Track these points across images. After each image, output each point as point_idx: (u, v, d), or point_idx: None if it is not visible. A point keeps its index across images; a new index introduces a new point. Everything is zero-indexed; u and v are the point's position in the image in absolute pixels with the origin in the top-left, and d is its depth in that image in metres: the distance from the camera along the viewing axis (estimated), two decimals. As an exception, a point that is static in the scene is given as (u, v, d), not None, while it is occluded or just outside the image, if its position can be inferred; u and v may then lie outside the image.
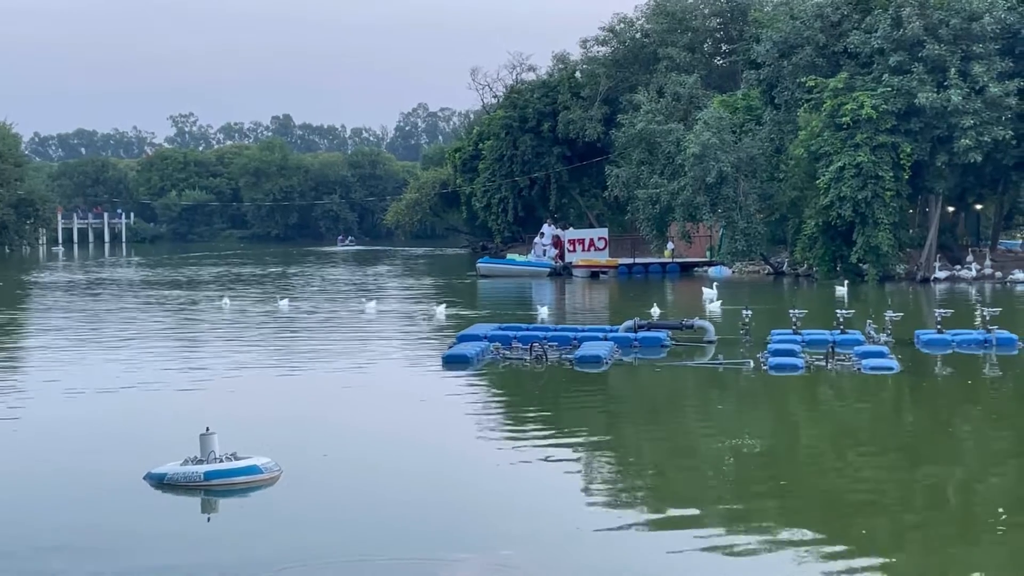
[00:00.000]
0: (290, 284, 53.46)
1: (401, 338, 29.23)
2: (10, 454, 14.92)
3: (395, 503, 12.35)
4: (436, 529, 11.37)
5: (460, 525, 11.57)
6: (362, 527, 11.48)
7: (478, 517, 11.90)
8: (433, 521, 11.67)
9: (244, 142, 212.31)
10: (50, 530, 11.35)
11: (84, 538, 11.13)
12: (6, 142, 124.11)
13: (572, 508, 12.30)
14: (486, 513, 12.08)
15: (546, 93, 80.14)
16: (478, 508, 12.27)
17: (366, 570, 10.17)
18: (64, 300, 45.52)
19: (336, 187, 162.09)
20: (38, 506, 12.30)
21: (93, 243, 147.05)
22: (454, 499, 12.61)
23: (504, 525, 11.54)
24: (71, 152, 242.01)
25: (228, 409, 17.70)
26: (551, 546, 10.90)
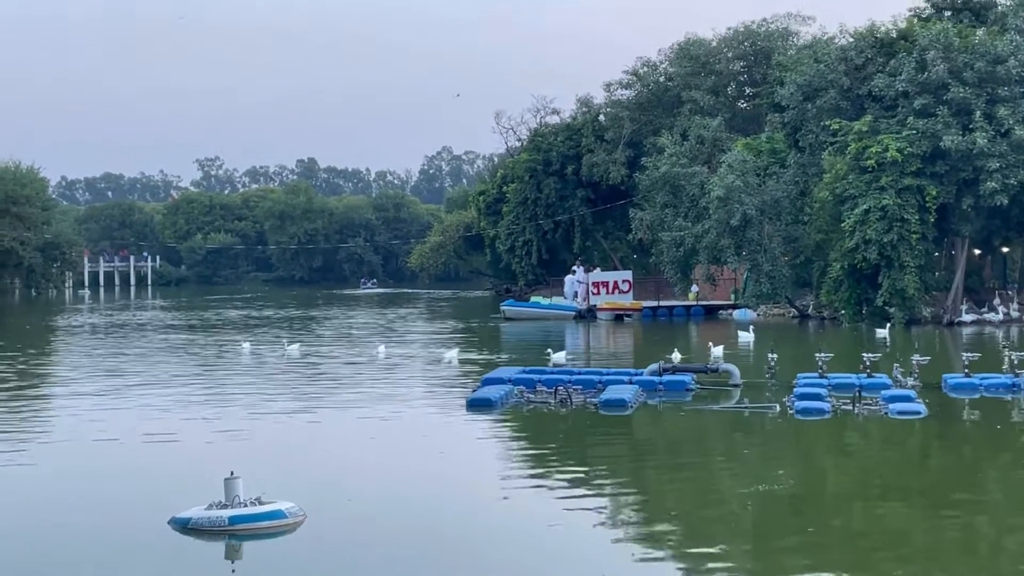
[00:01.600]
0: (308, 328, 53.53)
1: (425, 382, 29.20)
2: (37, 497, 14.93)
3: (419, 550, 12.29)
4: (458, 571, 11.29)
5: (483, 572, 11.49)
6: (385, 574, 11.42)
7: (501, 564, 11.82)
8: (455, 568, 11.59)
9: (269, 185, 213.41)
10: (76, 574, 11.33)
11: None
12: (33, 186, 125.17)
13: (597, 553, 12.21)
14: (509, 560, 11.99)
15: (570, 136, 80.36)
16: (502, 554, 12.18)
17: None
18: (90, 344, 45.71)
19: (360, 230, 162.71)
20: (64, 550, 12.29)
21: (119, 286, 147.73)
22: (477, 545, 12.54)
23: (528, 572, 11.45)
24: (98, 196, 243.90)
25: (252, 453, 17.69)
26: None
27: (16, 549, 12.18)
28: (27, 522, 13.62)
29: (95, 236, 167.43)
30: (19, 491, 15.46)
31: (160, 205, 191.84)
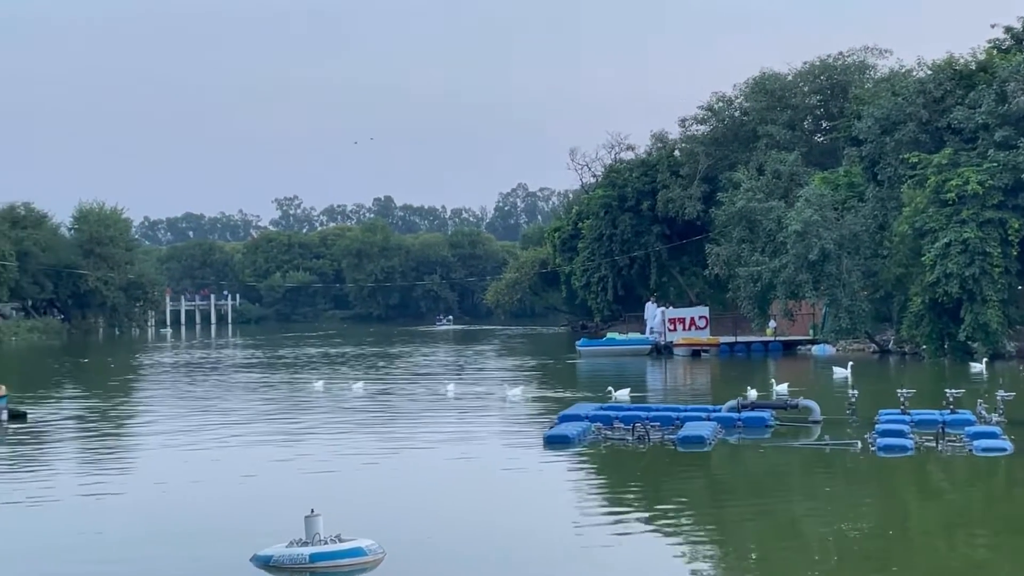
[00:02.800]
0: (383, 365, 53.83)
1: (501, 419, 29.22)
2: (121, 538, 15.14)
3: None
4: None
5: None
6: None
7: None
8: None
9: (346, 224, 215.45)
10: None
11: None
12: (117, 227, 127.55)
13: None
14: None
15: (645, 172, 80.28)
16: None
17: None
18: (171, 382, 46.39)
19: (436, 267, 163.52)
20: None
21: (200, 324, 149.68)
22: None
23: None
24: (179, 235, 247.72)
25: (330, 491, 17.80)
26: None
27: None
28: (112, 557, 13.83)
29: (177, 275, 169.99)
30: (104, 527, 15.71)
31: (240, 244, 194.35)
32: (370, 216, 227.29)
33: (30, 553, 14.21)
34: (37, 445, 25.28)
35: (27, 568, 13.33)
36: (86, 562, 13.58)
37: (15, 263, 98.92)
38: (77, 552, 14.10)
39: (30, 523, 16.10)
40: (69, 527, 15.71)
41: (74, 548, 14.33)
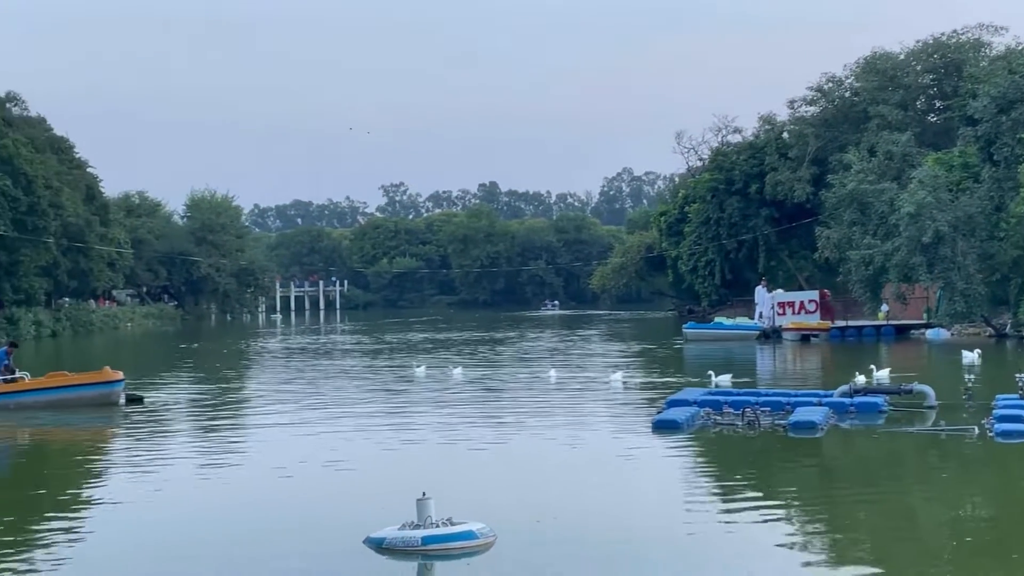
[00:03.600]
0: (488, 350, 54.05)
1: (609, 403, 29.13)
2: (233, 520, 15.39)
3: (605, 570, 12.25)
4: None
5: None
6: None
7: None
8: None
9: (452, 209, 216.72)
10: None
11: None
12: (228, 214, 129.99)
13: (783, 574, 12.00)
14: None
15: (753, 155, 79.40)
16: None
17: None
18: (281, 367, 47.13)
19: (542, 252, 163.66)
20: (264, 569, 12.65)
21: (309, 310, 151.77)
22: (663, 567, 12.42)
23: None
24: (288, 223, 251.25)
25: (439, 475, 17.89)
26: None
27: (217, 570, 12.58)
28: (224, 540, 14.07)
29: (286, 262, 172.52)
30: (216, 514, 15.98)
31: (347, 231, 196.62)
32: (475, 202, 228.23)
33: (144, 537, 14.47)
34: (153, 429, 25.85)
35: (140, 553, 13.56)
36: (200, 545, 13.81)
37: (130, 250, 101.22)
38: (190, 537, 14.35)
39: (144, 508, 16.41)
40: (182, 512, 16.01)
41: (187, 533, 14.58)
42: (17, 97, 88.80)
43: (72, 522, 15.47)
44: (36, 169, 74.83)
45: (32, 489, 19.08)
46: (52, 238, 77.21)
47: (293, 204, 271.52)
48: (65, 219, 79.93)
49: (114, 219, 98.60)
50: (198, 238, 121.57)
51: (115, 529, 14.94)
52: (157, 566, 12.77)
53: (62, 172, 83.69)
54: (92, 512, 16.26)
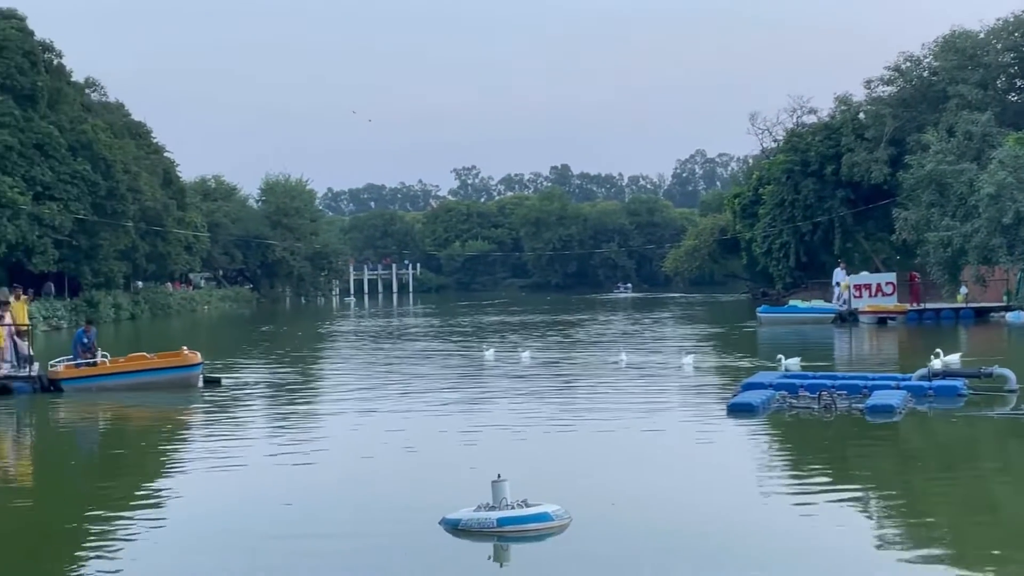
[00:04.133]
0: (560, 333, 54.04)
1: (680, 387, 29.01)
2: (308, 501, 15.53)
3: (681, 554, 12.22)
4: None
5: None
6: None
7: (760, 570, 11.60)
8: (716, 573, 11.45)
9: (524, 192, 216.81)
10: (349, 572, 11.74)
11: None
12: (302, 198, 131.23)
13: (859, 562, 11.88)
14: (769, 565, 11.76)
15: (828, 136, 78.51)
16: (760, 561, 11.95)
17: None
18: (356, 350, 47.50)
19: (614, 235, 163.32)
20: (340, 549, 12.77)
21: (382, 293, 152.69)
22: (739, 556, 12.35)
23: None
24: (361, 206, 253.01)
25: (513, 457, 17.93)
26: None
27: (293, 550, 12.72)
28: (301, 520, 14.22)
29: (359, 245, 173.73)
30: (291, 495, 16.13)
31: (420, 214, 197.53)
32: (547, 185, 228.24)
33: (221, 519, 14.68)
34: (231, 411, 26.18)
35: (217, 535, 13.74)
36: (276, 525, 13.96)
37: (207, 234, 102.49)
38: (266, 518, 14.49)
39: (221, 490, 16.66)
40: (258, 494, 16.17)
41: (262, 515, 14.72)
42: (96, 83, 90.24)
43: (150, 507, 15.71)
44: (115, 154, 75.97)
45: (111, 472, 19.46)
46: (131, 222, 78.37)
47: (366, 187, 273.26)
48: (143, 203, 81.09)
49: (191, 203, 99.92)
50: (273, 222, 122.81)
51: (192, 512, 15.16)
52: (234, 547, 12.91)
53: (140, 157, 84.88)
54: (171, 495, 16.51)
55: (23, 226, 66.73)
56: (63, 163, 70.97)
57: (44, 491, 17.30)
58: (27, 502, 16.45)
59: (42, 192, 69.24)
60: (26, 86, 69.13)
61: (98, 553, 12.69)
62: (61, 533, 14.16)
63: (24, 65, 69.20)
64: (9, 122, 67.55)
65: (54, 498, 16.65)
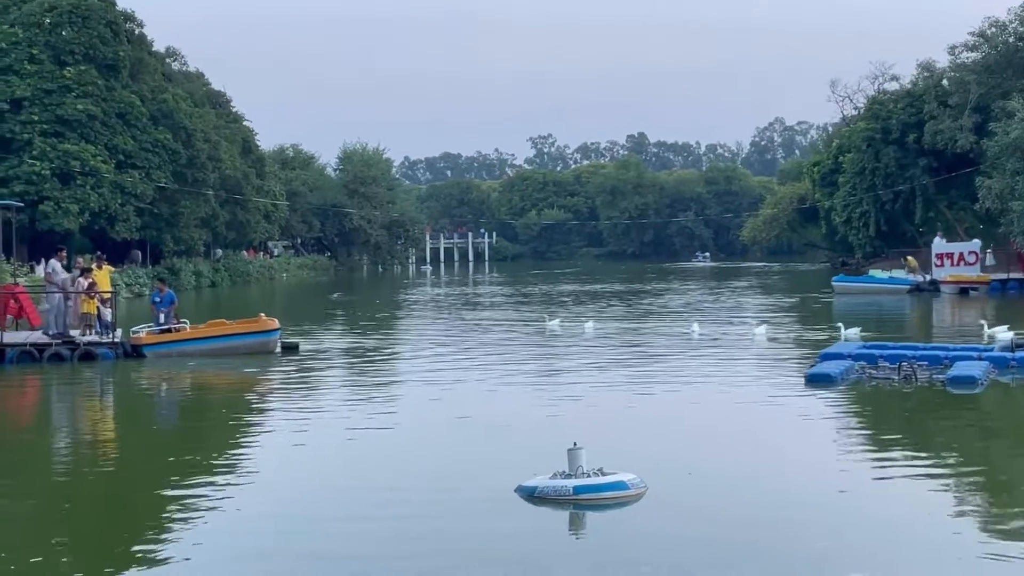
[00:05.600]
0: (636, 302, 53.84)
1: (757, 357, 28.79)
2: (385, 469, 15.63)
3: (756, 524, 12.13)
4: (795, 552, 11.08)
5: (817, 548, 11.21)
6: (724, 548, 11.34)
7: (835, 541, 11.49)
8: (791, 543, 11.37)
9: (600, 161, 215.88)
10: (425, 538, 11.82)
11: (465, 547, 11.49)
12: (379, 166, 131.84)
13: (935, 534, 11.73)
14: (844, 537, 11.64)
15: (911, 103, 77.15)
16: (835, 532, 11.84)
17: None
18: (432, 317, 47.74)
19: (691, 204, 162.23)
20: (417, 515, 12.86)
21: (458, 262, 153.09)
22: (812, 522, 12.25)
23: (862, 549, 11.09)
24: (437, 175, 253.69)
25: (588, 426, 17.91)
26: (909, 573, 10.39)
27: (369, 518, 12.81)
28: (378, 487, 14.32)
29: (436, 214, 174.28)
30: (368, 463, 16.26)
31: (496, 183, 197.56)
32: (623, 153, 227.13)
33: (299, 485, 14.78)
34: (307, 377, 26.47)
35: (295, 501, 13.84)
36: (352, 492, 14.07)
37: (285, 203, 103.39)
38: (343, 485, 14.63)
39: (299, 456, 16.79)
40: (336, 460, 16.34)
41: (340, 482, 14.85)
42: (176, 52, 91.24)
43: (228, 475, 15.92)
44: (195, 123, 76.84)
45: (191, 439, 19.77)
46: (211, 190, 79.29)
47: (442, 156, 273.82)
48: (223, 172, 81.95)
49: (270, 172, 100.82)
50: (350, 190, 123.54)
51: (269, 480, 15.33)
52: (309, 515, 13.02)
53: (220, 126, 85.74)
54: (249, 464, 16.72)
55: (106, 194, 67.84)
56: (145, 132, 71.96)
57: (125, 458, 17.59)
58: (108, 468, 16.76)
59: (124, 161, 70.29)
60: (108, 56, 70.07)
61: (178, 522, 12.85)
62: (141, 500, 14.40)
63: (106, 35, 70.14)
64: (92, 92, 68.55)
65: (135, 465, 16.93)
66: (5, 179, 65.36)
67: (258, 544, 11.64)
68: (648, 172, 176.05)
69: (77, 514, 13.47)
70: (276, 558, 11.17)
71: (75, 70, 68.19)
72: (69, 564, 11.19)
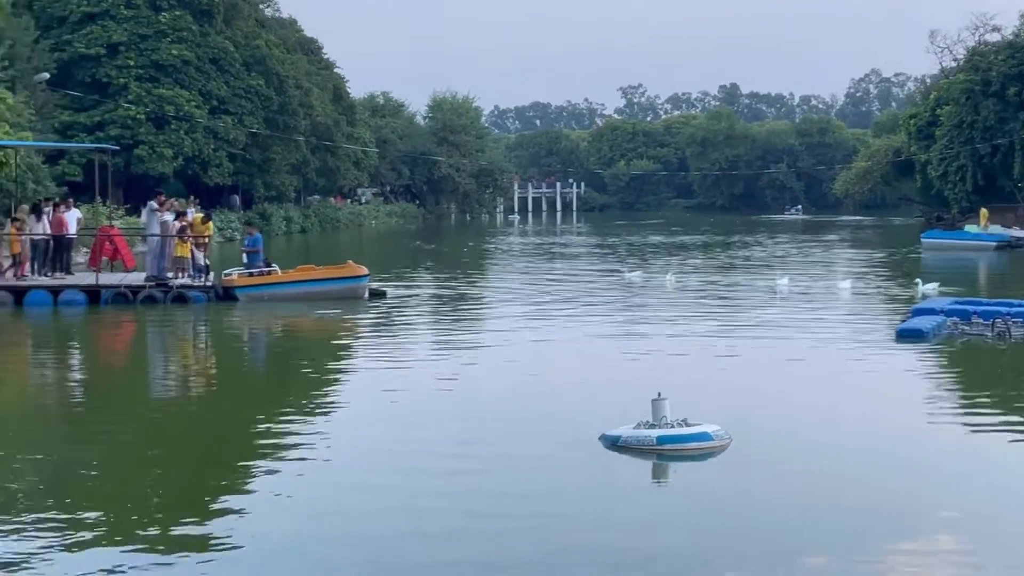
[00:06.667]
0: (724, 255, 53.37)
1: (845, 311, 28.39)
2: (469, 417, 15.69)
3: (842, 481, 11.98)
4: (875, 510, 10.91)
5: (898, 508, 11.02)
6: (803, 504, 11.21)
7: (924, 501, 11.30)
8: (872, 502, 11.20)
9: (691, 112, 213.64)
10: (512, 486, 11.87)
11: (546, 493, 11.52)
12: (469, 115, 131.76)
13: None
14: (933, 497, 11.44)
15: (1012, 55, 75.16)
16: (924, 491, 11.66)
17: (805, 547, 9.91)
18: (518, 267, 47.78)
19: (783, 156, 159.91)
20: (499, 457, 12.93)
21: (546, 211, 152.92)
22: (900, 481, 12.06)
23: (951, 509, 10.88)
24: (527, 124, 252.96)
25: (674, 377, 17.82)
26: (993, 533, 10.22)
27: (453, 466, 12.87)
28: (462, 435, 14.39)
29: (524, 163, 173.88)
30: (452, 411, 16.35)
31: (585, 133, 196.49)
32: (715, 104, 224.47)
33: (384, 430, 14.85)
34: (394, 323, 26.66)
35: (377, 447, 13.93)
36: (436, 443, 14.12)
37: (375, 150, 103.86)
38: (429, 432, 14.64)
39: (384, 404, 16.87)
40: (421, 406, 16.39)
41: (425, 428, 14.87)
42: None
43: (316, 419, 16.12)
44: (287, 70, 77.31)
45: (280, 383, 20.05)
46: (302, 137, 79.88)
47: (532, 106, 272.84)
48: (314, 119, 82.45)
49: (360, 119, 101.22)
50: (439, 139, 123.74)
51: (354, 423, 15.50)
52: (394, 461, 13.09)
53: (311, 72, 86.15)
54: (336, 409, 16.93)
55: (199, 139, 68.70)
56: (238, 78, 72.62)
57: (214, 398, 17.89)
58: (197, 408, 17.06)
59: (217, 106, 71.05)
60: (203, 1, 70.66)
61: (265, 466, 13.00)
62: (226, 443, 14.64)
63: (201, -19, 70.68)
64: (187, 37, 69.29)
65: (223, 406, 17.20)
66: (101, 123, 66.47)
67: (337, 497, 11.44)
68: (740, 123, 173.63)
69: (164, 451, 13.71)
70: (355, 513, 11.04)
71: (170, 15, 68.94)
72: (157, 501, 11.42)
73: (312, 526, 10.40)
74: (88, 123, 66.27)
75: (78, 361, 22.58)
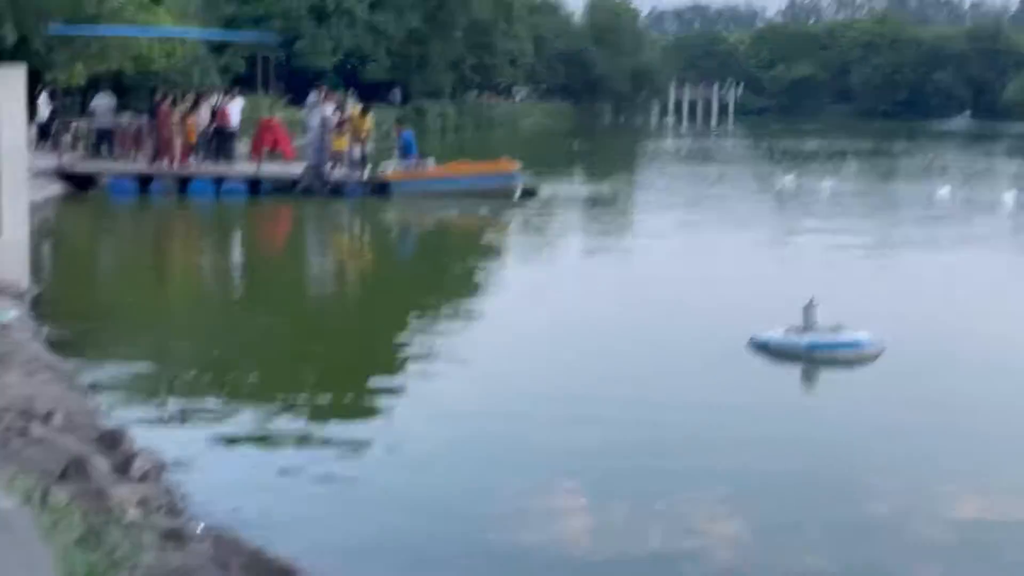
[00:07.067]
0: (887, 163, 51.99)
1: (1008, 224, 27.52)
2: (617, 318, 15.65)
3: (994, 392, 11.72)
4: None
5: None
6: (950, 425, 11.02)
7: None
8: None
9: (856, 16, 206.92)
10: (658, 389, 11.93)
11: (695, 400, 11.55)
12: (626, 16, 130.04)
13: None
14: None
15: None
16: None
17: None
18: (671, 170, 47.37)
19: (950, 62, 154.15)
20: (647, 360, 12.99)
21: (701, 114, 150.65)
22: None
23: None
24: (685, 26, 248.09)
25: (827, 283, 17.49)
26: None
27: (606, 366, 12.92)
28: (615, 332, 14.48)
29: (681, 66, 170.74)
30: (603, 312, 16.33)
31: (745, 35, 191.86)
32: (881, 7, 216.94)
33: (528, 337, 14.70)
34: (544, 224, 26.78)
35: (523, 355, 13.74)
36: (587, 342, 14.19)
37: (532, 48, 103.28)
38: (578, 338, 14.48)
39: (530, 307, 16.81)
40: (570, 311, 16.25)
41: (575, 334, 14.74)
42: None
43: (462, 323, 16.20)
44: (446, -35, 77.05)
45: (428, 280, 20.27)
46: (460, 33, 79.77)
47: (691, 7, 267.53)
48: (472, 16, 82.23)
49: (517, 17, 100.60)
50: (596, 39, 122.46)
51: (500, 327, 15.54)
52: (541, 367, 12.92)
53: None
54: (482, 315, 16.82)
55: (358, 34, 69.16)
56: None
57: (364, 292, 18.25)
58: (345, 303, 17.42)
59: (377, 1, 71.32)
60: None
61: (412, 368, 13.00)
62: (373, 337, 14.92)
63: None
64: (348, -69, 69.47)
65: (373, 300, 17.53)
66: (264, 16, 67.35)
67: (500, 402, 11.32)
68: (907, 28, 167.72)
69: (315, 340, 14.11)
70: (529, 419, 10.90)
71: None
72: (308, 385, 11.79)
73: (477, 429, 10.33)
74: (252, 15, 67.21)
75: (238, 252, 23.27)
